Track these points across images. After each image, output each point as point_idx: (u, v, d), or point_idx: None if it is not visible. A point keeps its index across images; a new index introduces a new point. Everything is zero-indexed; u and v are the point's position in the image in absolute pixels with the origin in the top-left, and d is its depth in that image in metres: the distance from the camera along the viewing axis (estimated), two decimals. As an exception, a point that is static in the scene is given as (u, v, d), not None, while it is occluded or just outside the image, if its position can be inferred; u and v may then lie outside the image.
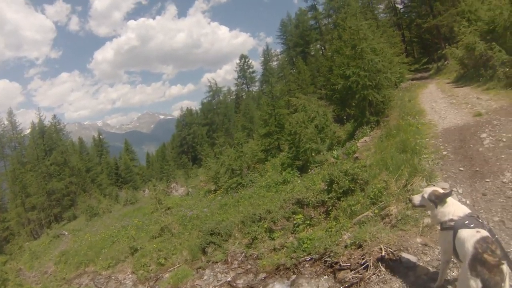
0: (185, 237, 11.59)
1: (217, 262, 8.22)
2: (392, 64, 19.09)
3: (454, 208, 3.27)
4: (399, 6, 45.06)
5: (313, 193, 8.45)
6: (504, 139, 7.11)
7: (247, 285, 6.45)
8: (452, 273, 3.79)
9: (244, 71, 55.40)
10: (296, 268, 5.54)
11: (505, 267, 2.59)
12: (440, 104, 13.79)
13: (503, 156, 6.36)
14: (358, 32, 13.93)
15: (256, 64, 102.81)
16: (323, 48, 47.03)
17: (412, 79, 27.41)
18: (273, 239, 7.98)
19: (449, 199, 3.36)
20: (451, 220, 3.19)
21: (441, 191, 3.44)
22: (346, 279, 4.50)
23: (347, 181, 7.44)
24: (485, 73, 15.38)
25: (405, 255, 4.25)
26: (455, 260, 3.42)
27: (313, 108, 17.60)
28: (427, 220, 4.81)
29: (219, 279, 7.41)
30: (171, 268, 9.60)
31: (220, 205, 14.64)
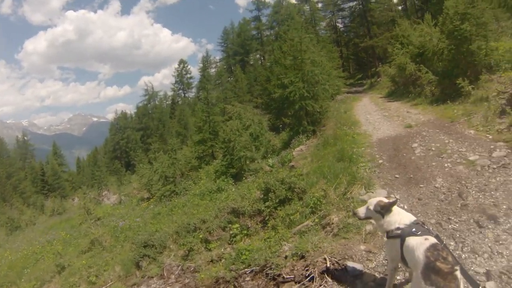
0: (117, 250, 10.71)
1: (152, 277, 7.48)
2: (330, 77, 19.90)
3: (400, 217, 3.23)
4: (340, 26, 48.48)
5: (248, 202, 8.11)
6: (433, 149, 7.61)
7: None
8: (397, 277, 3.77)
9: (182, 76, 54.61)
10: (236, 281, 5.15)
11: (458, 273, 2.53)
12: (374, 116, 14.58)
13: (433, 164, 6.75)
14: (301, 44, 14.21)
15: (194, 70, 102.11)
16: (262, 58, 48.15)
17: (347, 93, 29.06)
18: (209, 250, 7.51)
19: (395, 208, 3.32)
20: (398, 228, 3.13)
21: (386, 200, 3.39)
22: (292, 292, 4.24)
23: (283, 189, 7.19)
24: (414, 90, 16.95)
25: (350, 263, 4.14)
26: (403, 267, 3.39)
27: (248, 116, 17.61)
28: (369, 227, 4.80)
29: (156, 296, 6.73)
30: (103, 287, 8.64)
31: (153, 214, 13.90)
